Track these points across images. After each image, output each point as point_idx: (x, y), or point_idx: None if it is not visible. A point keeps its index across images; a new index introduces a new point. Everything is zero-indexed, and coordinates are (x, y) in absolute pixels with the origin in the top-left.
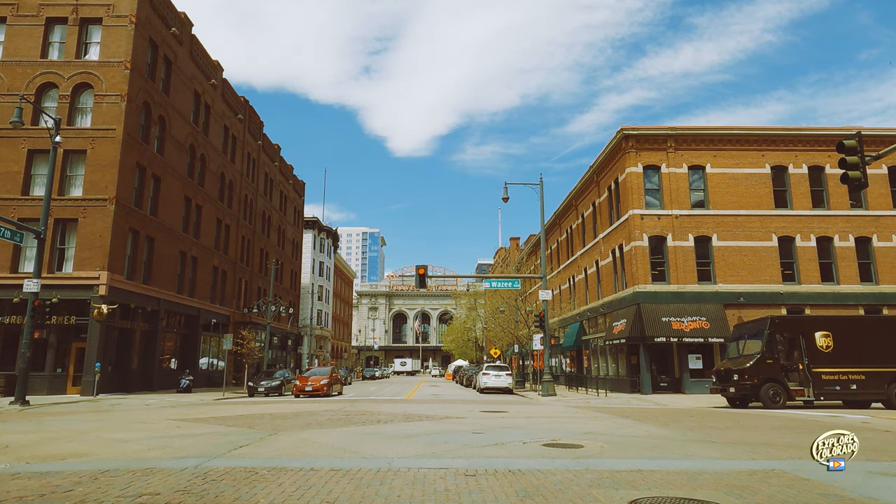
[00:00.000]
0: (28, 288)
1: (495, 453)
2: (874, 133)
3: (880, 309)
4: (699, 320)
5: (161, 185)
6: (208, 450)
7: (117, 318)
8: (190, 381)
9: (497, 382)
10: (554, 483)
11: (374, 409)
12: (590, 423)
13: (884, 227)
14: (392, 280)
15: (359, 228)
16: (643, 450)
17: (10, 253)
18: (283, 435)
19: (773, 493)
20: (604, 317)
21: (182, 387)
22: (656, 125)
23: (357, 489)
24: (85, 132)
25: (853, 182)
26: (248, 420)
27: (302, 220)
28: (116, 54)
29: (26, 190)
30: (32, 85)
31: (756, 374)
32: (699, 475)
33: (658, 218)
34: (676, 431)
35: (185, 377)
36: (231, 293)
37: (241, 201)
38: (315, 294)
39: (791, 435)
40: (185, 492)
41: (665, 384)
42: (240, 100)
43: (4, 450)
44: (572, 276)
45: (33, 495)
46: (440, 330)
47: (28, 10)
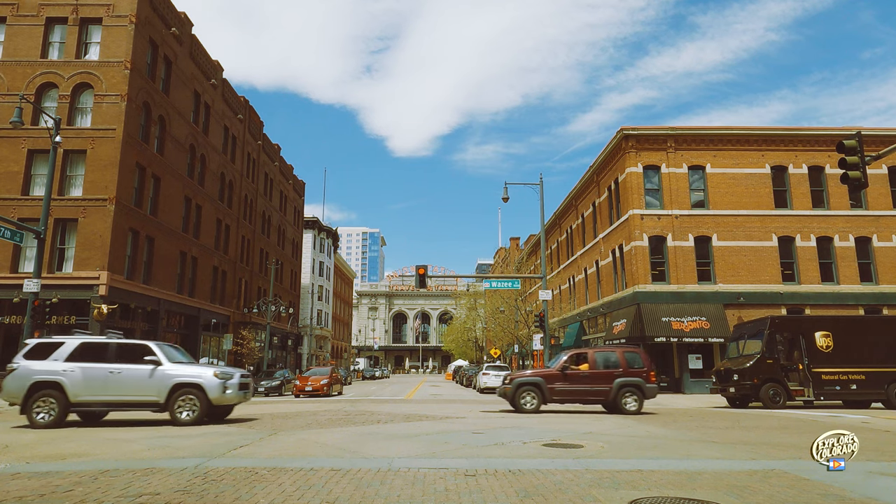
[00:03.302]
0: (28, 288)
1: (495, 453)
2: (874, 133)
3: (880, 309)
4: (699, 320)
5: (161, 185)
6: (208, 450)
7: (117, 318)
8: None
9: (497, 382)
10: (554, 483)
11: (374, 409)
12: (590, 424)
13: (884, 227)
14: (392, 280)
15: (359, 228)
16: (643, 450)
17: (10, 253)
18: (282, 435)
19: (773, 493)
20: (604, 317)
21: None
22: (656, 125)
23: (357, 489)
24: (85, 132)
25: (853, 182)
26: (247, 420)
27: (302, 220)
28: (116, 54)
29: (26, 190)
30: (32, 85)
31: (756, 374)
32: (699, 475)
33: (658, 218)
34: (676, 431)
35: None
36: (231, 293)
37: (241, 201)
38: (315, 294)
39: (791, 435)
40: (185, 492)
41: (665, 384)
42: (240, 100)
43: (4, 450)
44: (572, 276)
45: (33, 495)
46: (440, 330)
47: (28, 10)
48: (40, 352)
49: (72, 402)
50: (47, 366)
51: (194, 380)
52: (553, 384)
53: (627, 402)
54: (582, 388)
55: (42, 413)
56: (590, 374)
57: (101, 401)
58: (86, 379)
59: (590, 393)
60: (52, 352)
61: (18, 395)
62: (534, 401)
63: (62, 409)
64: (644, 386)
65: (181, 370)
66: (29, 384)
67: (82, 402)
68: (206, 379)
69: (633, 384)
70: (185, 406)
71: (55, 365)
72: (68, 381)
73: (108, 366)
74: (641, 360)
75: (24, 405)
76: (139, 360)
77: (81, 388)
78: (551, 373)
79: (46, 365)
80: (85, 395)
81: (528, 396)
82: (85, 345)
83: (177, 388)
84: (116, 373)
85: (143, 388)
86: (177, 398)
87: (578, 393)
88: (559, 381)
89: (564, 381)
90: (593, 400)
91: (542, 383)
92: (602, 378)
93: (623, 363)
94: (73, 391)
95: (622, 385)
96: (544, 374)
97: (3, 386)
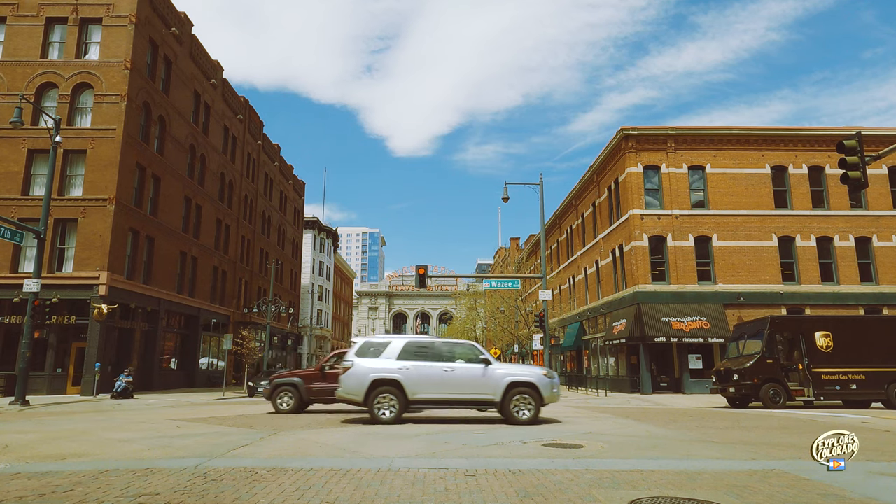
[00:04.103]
0: (28, 288)
1: (495, 453)
2: (874, 133)
3: (880, 309)
4: (699, 320)
5: (161, 185)
6: (208, 450)
7: (117, 318)
8: (129, 384)
9: None
10: (554, 483)
11: None
12: (590, 424)
13: (884, 227)
14: (392, 280)
15: (359, 228)
16: (643, 450)
17: (10, 253)
18: (283, 435)
19: (773, 493)
20: (604, 317)
21: (116, 390)
22: (656, 125)
23: (357, 489)
24: (85, 132)
25: (853, 182)
26: (248, 420)
27: (302, 220)
28: (116, 54)
29: (26, 190)
30: (32, 85)
31: (756, 374)
32: (699, 475)
33: (658, 218)
34: (676, 431)
35: (123, 377)
36: (231, 293)
37: (241, 201)
38: (315, 294)
39: (791, 435)
40: (185, 492)
41: (665, 384)
42: (240, 100)
43: (4, 450)
44: (572, 276)
45: (33, 495)
46: (440, 330)
47: (28, 9)
48: (370, 351)
49: (410, 400)
50: (382, 364)
51: (527, 379)
52: (311, 384)
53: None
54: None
55: (383, 409)
56: None
57: (438, 398)
58: (421, 377)
59: None
60: (382, 350)
61: (359, 391)
62: (291, 401)
63: (402, 406)
64: None
65: (510, 369)
66: (369, 381)
67: (419, 399)
68: (537, 378)
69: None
70: (521, 405)
71: (389, 363)
72: (405, 379)
73: (441, 364)
74: None
75: (365, 401)
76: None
77: (418, 385)
78: (310, 373)
79: (381, 363)
80: (422, 392)
81: (285, 397)
82: (411, 344)
83: (511, 386)
84: (450, 371)
85: (477, 386)
86: (511, 397)
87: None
88: (318, 381)
89: (324, 381)
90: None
91: (301, 384)
92: None
93: None
94: (411, 389)
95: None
96: (303, 375)
97: (341, 382)
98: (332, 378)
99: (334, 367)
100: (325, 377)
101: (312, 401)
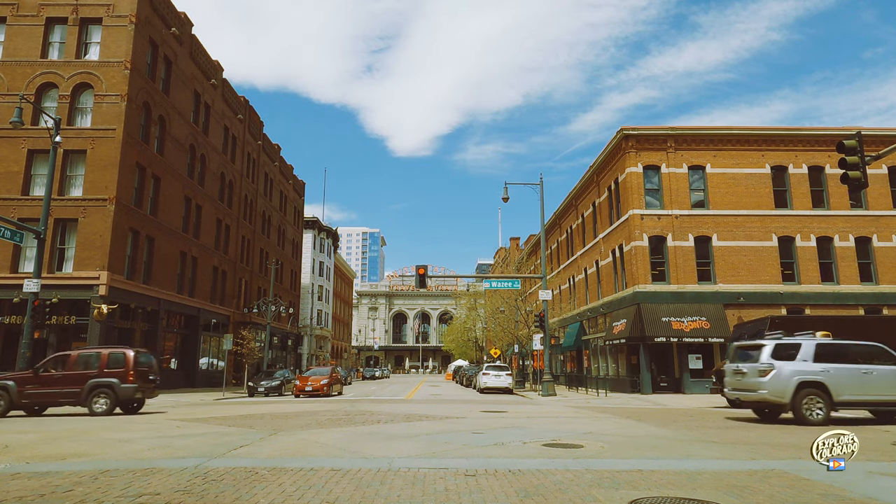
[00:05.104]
0: (28, 288)
1: (495, 453)
2: (874, 133)
3: (880, 309)
4: (699, 320)
5: (161, 185)
6: (208, 450)
7: (117, 318)
8: None
9: (497, 382)
10: (554, 483)
11: (374, 409)
12: (590, 424)
13: (884, 227)
14: (392, 280)
15: (359, 228)
16: (643, 450)
17: (10, 253)
18: (283, 435)
19: (773, 493)
20: (604, 317)
21: None
22: (656, 125)
23: (357, 489)
24: (85, 132)
25: (853, 182)
26: (248, 420)
27: (302, 220)
28: (116, 54)
29: (26, 190)
30: (32, 85)
31: None
32: (699, 475)
33: (658, 218)
34: (676, 431)
35: None
36: (231, 293)
37: (241, 201)
38: (315, 294)
39: (791, 435)
40: (186, 492)
41: (665, 384)
42: (240, 100)
43: (4, 450)
44: (572, 276)
45: (33, 495)
46: (440, 330)
47: (28, 10)
48: (784, 353)
49: (834, 402)
50: (802, 366)
51: None
52: (24, 387)
53: (98, 402)
54: (54, 390)
55: (813, 411)
56: (64, 376)
57: (861, 400)
58: (842, 378)
59: (61, 395)
60: (796, 352)
61: (785, 393)
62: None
63: (828, 408)
64: (118, 386)
65: None
66: (795, 384)
67: (844, 401)
68: None
69: (105, 385)
70: None
71: (808, 365)
72: (829, 382)
73: (860, 366)
74: (124, 361)
75: (793, 403)
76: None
77: (841, 387)
78: (24, 375)
79: (801, 366)
80: (845, 394)
81: None
82: (822, 346)
83: None
84: (870, 373)
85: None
86: None
87: (51, 395)
88: (32, 384)
89: (38, 384)
90: (65, 402)
91: (13, 387)
92: (76, 379)
93: (103, 364)
94: (835, 391)
95: (94, 386)
96: (17, 377)
97: (763, 385)
98: (47, 380)
99: (50, 370)
100: (40, 380)
101: (24, 404)
